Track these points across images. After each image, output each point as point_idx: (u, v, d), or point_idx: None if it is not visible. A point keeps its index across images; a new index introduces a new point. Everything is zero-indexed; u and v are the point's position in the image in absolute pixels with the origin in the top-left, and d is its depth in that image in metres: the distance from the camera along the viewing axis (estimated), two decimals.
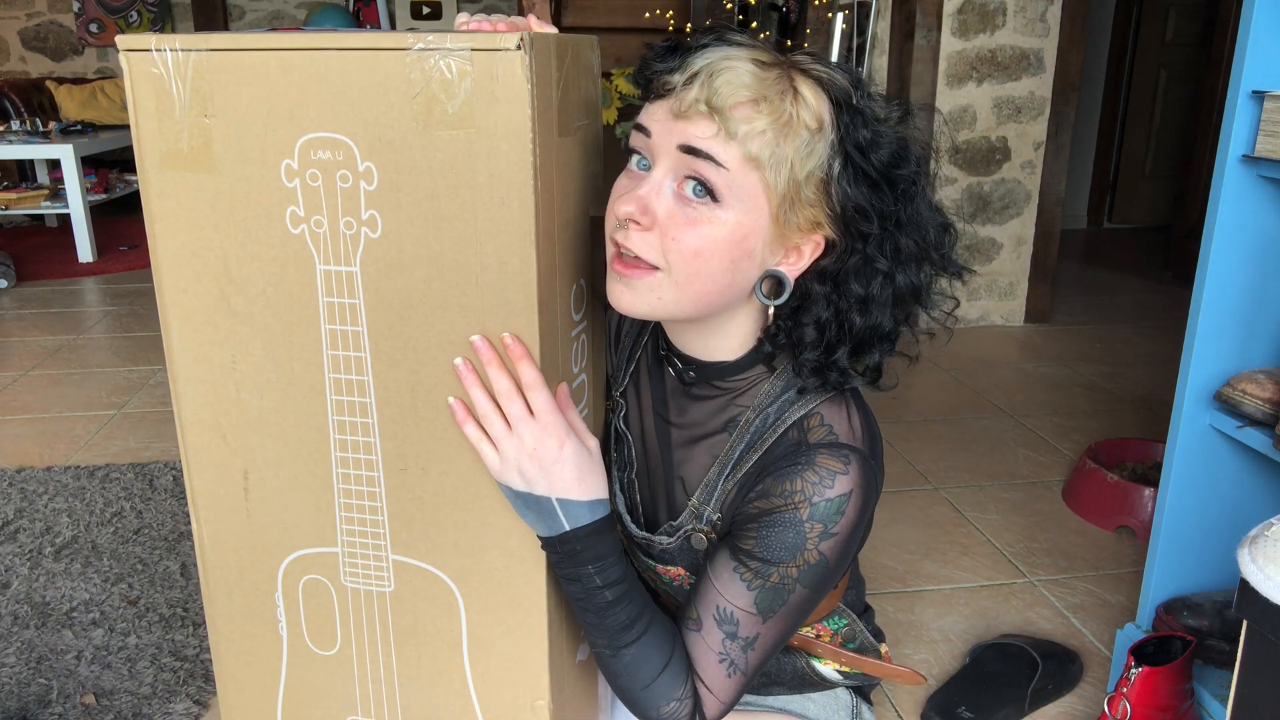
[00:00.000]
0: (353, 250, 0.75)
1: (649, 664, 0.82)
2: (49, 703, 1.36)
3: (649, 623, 0.82)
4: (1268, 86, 1.11)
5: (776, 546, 0.80)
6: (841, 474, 0.80)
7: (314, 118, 0.72)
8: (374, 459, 0.81)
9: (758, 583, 0.81)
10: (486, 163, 0.71)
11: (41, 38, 5.84)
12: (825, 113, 0.75)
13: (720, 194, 0.74)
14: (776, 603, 0.81)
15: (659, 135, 0.76)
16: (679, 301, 0.78)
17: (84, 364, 2.89)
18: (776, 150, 0.73)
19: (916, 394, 2.73)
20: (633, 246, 0.76)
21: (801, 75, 0.75)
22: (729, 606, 0.82)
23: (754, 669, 0.85)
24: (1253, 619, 0.75)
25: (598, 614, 0.81)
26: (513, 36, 0.68)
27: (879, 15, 3.10)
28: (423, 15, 5.91)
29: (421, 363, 0.77)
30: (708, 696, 0.84)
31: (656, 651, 0.82)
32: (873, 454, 0.84)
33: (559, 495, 0.77)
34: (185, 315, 0.80)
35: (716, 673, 0.83)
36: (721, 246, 0.75)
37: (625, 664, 0.82)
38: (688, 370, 0.88)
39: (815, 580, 0.81)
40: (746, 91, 0.72)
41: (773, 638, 0.84)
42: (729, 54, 0.74)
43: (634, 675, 0.82)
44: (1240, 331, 1.23)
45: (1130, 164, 5.31)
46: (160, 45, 0.72)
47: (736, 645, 0.82)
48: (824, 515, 0.79)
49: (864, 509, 0.82)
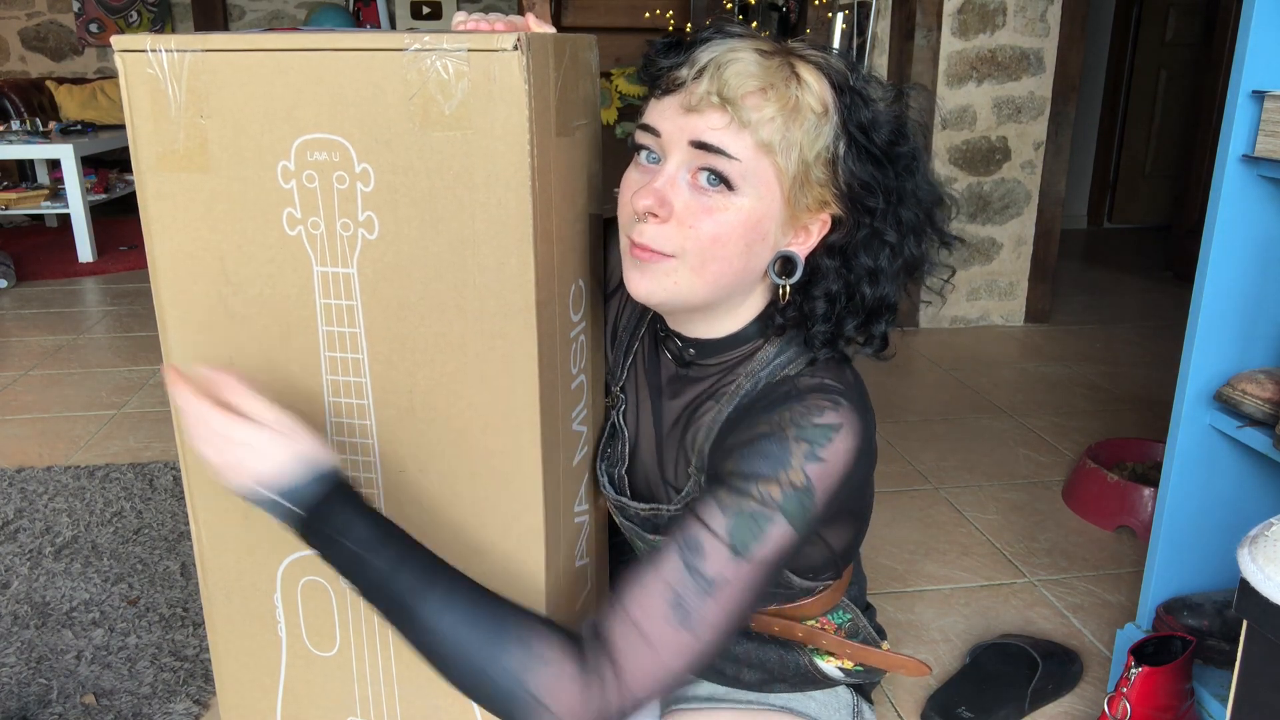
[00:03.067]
0: (350, 251, 0.75)
1: (477, 628, 0.70)
2: (49, 703, 1.36)
3: (452, 580, 0.72)
4: (1268, 86, 1.11)
5: (758, 460, 0.75)
6: (831, 409, 0.78)
7: (310, 119, 0.72)
8: (372, 460, 0.81)
9: (735, 506, 0.74)
10: (484, 163, 0.71)
11: (41, 38, 5.84)
12: (828, 96, 0.78)
13: (735, 182, 0.77)
14: (751, 536, 0.73)
15: (669, 133, 0.78)
16: (694, 286, 0.80)
17: (84, 364, 2.89)
18: (786, 135, 0.76)
19: (916, 394, 2.73)
20: (649, 240, 0.78)
21: (801, 61, 0.78)
22: (698, 532, 0.73)
23: (706, 634, 0.72)
24: (1253, 619, 0.75)
25: (384, 589, 0.70)
26: (510, 37, 0.68)
27: (879, 15, 3.09)
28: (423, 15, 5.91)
29: (419, 364, 0.77)
30: (638, 651, 0.71)
31: (478, 610, 0.71)
32: (866, 410, 0.81)
33: (270, 486, 0.70)
34: (182, 316, 0.80)
35: (660, 617, 0.71)
36: (738, 231, 0.78)
37: (449, 640, 0.70)
38: (687, 349, 0.90)
39: (798, 512, 0.74)
40: (754, 80, 0.75)
41: (737, 594, 0.73)
42: (732, 45, 0.77)
43: (468, 651, 0.70)
44: (1240, 331, 1.23)
45: (1130, 164, 5.30)
46: (156, 46, 0.72)
47: (694, 584, 0.72)
48: (811, 437, 0.76)
49: (856, 454, 0.77)
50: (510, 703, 0.70)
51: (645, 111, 0.81)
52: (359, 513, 0.72)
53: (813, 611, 1.00)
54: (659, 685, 0.72)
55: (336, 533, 0.70)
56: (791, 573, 0.93)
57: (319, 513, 0.71)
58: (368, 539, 0.71)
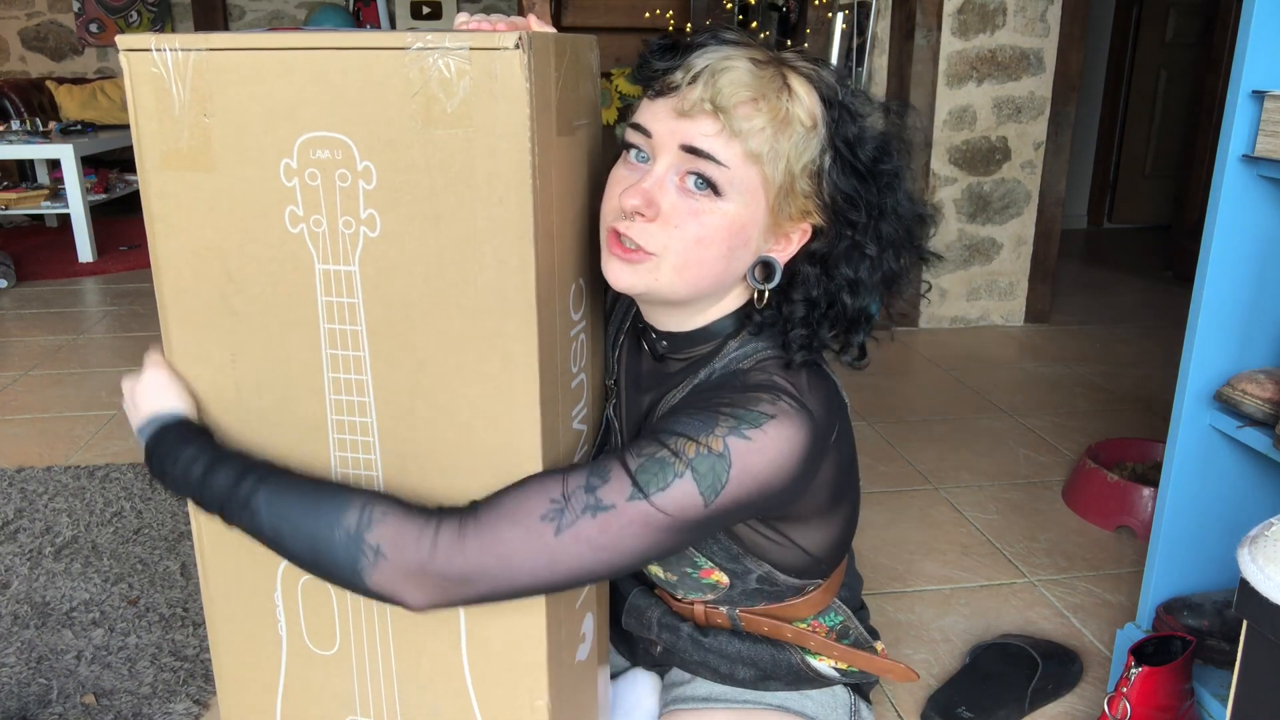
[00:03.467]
0: (351, 249, 0.75)
1: (318, 505, 0.74)
2: (49, 703, 1.36)
3: (290, 476, 0.77)
4: (1268, 86, 1.11)
5: (685, 422, 0.78)
6: (769, 403, 0.79)
7: (313, 117, 0.72)
8: (373, 459, 0.81)
9: (649, 450, 0.76)
10: (485, 162, 0.71)
11: (41, 38, 5.84)
12: (817, 109, 0.80)
13: (721, 188, 0.78)
14: (655, 480, 0.74)
15: (660, 135, 0.79)
16: (674, 284, 0.81)
17: (84, 364, 2.89)
18: (775, 145, 0.78)
19: (916, 394, 2.73)
20: (635, 236, 0.79)
21: (793, 72, 0.80)
22: (610, 462, 0.76)
23: (568, 545, 0.73)
24: (1253, 619, 0.75)
25: (205, 491, 0.76)
26: (511, 36, 0.68)
27: (879, 15, 3.10)
28: (423, 15, 5.91)
29: (421, 362, 0.77)
30: (497, 526, 0.73)
31: (318, 491, 0.76)
32: (816, 414, 0.82)
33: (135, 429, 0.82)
34: (185, 315, 0.80)
35: (537, 509, 0.73)
36: (722, 235, 0.80)
37: (291, 519, 0.74)
38: (660, 341, 0.92)
39: (707, 476, 0.75)
40: (747, 90, 0.76)
41: (618, 528, 0.74)
42: (728, 53, 0.78)
43: (310, 525, 0.74)
44: (1240, 331, 1.23)
45: (1130, 164, 5.31)
46: (160, 45, 0.72)
47: (584, 498, 0.74)
48: (742, 416, 0.78)
49: (790, 451, 0.78)
50: (354, 559, 0.73)
51: (637, 111, 0.82)
52: (189, 441, 0.78)
53: (802, 613, 1.00)
54: (495, 565, 0.73)
55: (171, 462, 0.77)
56: (775, 569, 0.93)
57: (155, 445, 0.79)
58: (195, 458, 0.77)
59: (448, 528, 0.73)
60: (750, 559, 0.92)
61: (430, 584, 0.73)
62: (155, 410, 0.81)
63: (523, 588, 0.75)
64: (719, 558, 0.92)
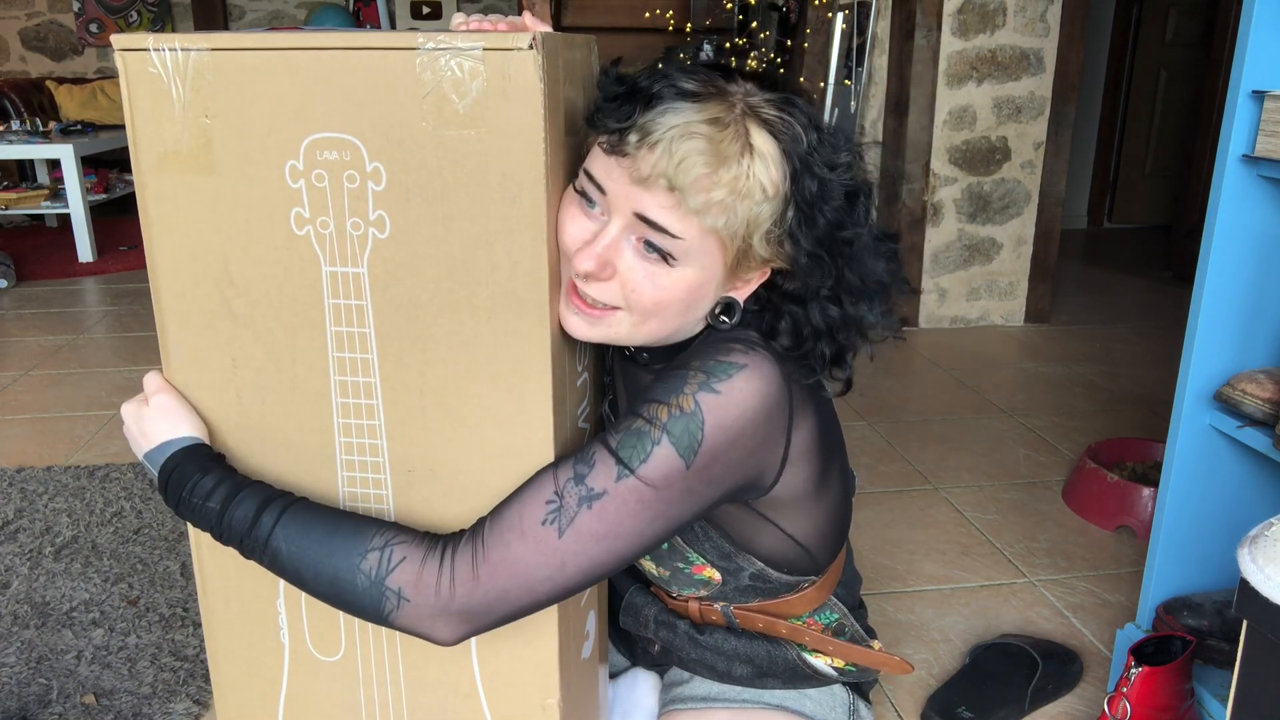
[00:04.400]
0: (360, 251, 0.75)
1: (333, 547, 0.75)
2: (49, 703, 1.36)
3: (306, 509, 0.77)
4: (1268, 86, 1.12)
5: (658, 388, 0.79)
6: (740, 352, 0.80)
7: (320, 118, 0.71)
8: (380, 461, 0.80)
9: (627, 423, 0.77)
10: (498, 162, 0.71)
11: (41, 38, 5.84)
12: (777, 170, 0.76)
13: (677, 257, 0.77)
14: (635, 452, 0.75)
15: (615, 195, 0.76)
16: (634, 335, 0.82)
17: (84, 364, 2.89)
18: (731, 216, 0.75)
19: (916, 394, 2.73)
20: (594, 294, 0.78)
21: (757, 125, 0.75)
22: (592, 447, 0.77)
23: (575, 543, 0.74)
24: (1253, 619, 0.75)
25: (245, 534, 0.76)
26: (525, 36, 0.68)
27: (879, 15, 3.10)
28: (423, 15, 5.91)
29: (429, 363, 0.77)
30: (508, 543, 0.74)
31: (334, 531, 0.76)
32: (786, 369, 0.82)
33: (141, 454, 0.82)
34: (184, 319, 0.79)
35: (536, 515, 0.74)
36: (680, 295, 0.79)
37: (309, 563, 0.75)
38: (640, 353, 0.92)
39: (683, 437, 0.76)
40: (705, 164, 0.73)
41: (615, 510, 0.75)
42: (688, 117, 0.73)
43: (329, 567, 0.74)
44: (1240, 331, 1.23)
45: (1130, 164, 5.31)
46: (159, 45, 0.72)
47: (577, 491, 0.75)
48: (711, 370, 0.78)
49: (760, 401, 0.79)
50: (377, 603, 0.75)
51: (590, 156, 0.78)
52: (206, 469, 0.77)
53: (797, 609, 1.00)
54: (512, 585, 0.74)
55: (188, 491, 0.76)
56: (767, 565, 0.93)
57: (170, 473, 0.77)
58: (213, 490, 0.76)
59: (461, 562, 0.74)
60: (742, 556, 0.92)
61: (456, 621, 0.75)
62: (168, 436, 0.79)
63: (543, 599, 0.76)
64: (711, 555, 0.93)
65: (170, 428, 0.80)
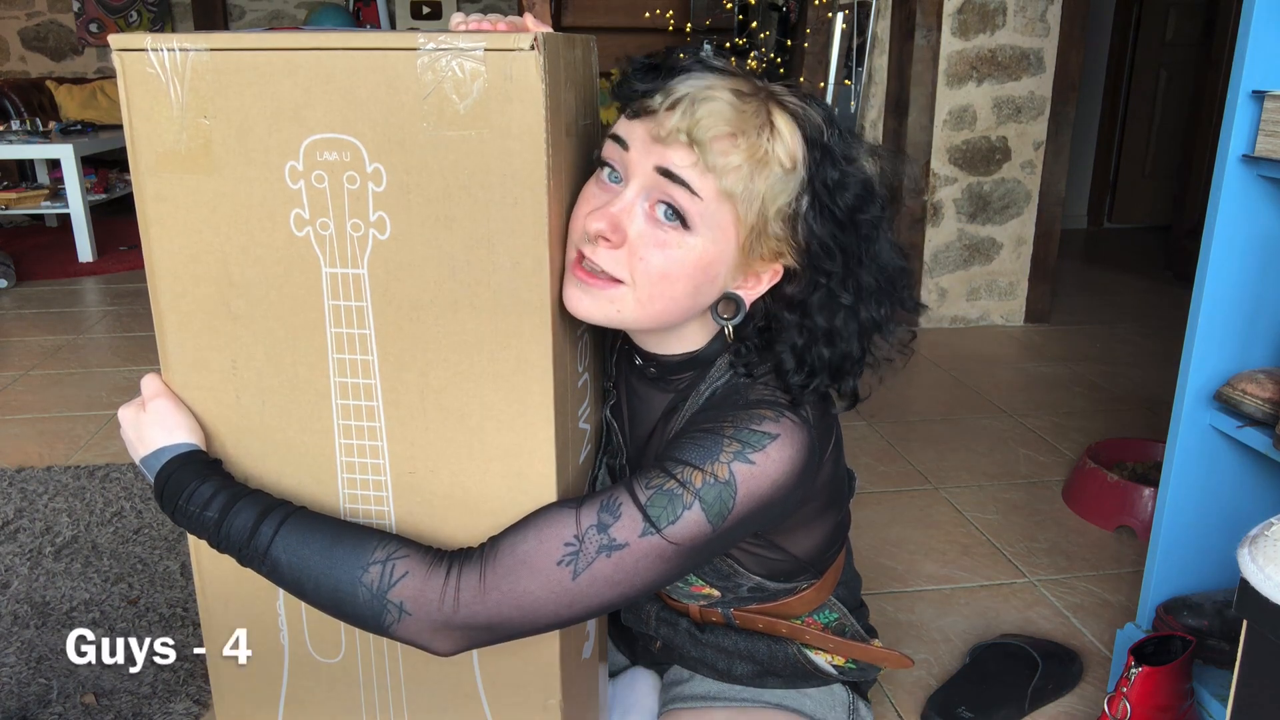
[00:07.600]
0: (360, 252, 0.74)
1: (312, 541, 0.75)
2: (49, 702, 1.36)
3: (306, 519, 0.77)
4: (1268, 86, 1.11)
5: (691, 449, 0.78)
6: (772, 420, 0.79)
7: (320, 119, 0.71)
8: (381, 463, 0.80)
9: (658, 481, 0.76)
10: (499, 163, 0.71)
11: (41, 38, 5.84)
12: (798, 150, 0.77)
13: (692, 221, 0.76)
14: (666, 514, 0.75)
15: (636, 153, 0.76)
16: (637, 316, 0.80)
17: (84, 364, 2.89)
18: (750, 185, 0.75)
19: (916, 394, 2.73)
20: (599, 261, 0.77)
21: (778, 108, 0.77)
22: (620, 497, 0.76)
23: (587, 586, 0.74)
24: (1253, 619, 0.75)
25: (243, 544, 0.75)
26: (526, 37, 0.68)
27: (879, 15, 3.10)
28: (423, 15, 5.91)
29: (431, 364, 0.77)
30: (516, 572, 0.73)
31: (334, 542, 0.75)
32: (813, 433, 0.82)
33: (138, 460, 0.81)
34: (182, 320, 0.79)
35: (553, 553, 0.74)
36: (688, 271, 0.78)
37: (309, 573, 0.75)
38: (648, 366, 0.91)
39: (714, 504, 0.75)
40: (726, 125, 0.74)
41: (633, 563, 0.74)
42: (711, 82, 0.75)
43: (330, 579, 0.74)
44: (1240, 331, 1.23)
45: (1130, 164, 5.31)
46: (157, 45, 0.71)
47: (598, 538, 0.74)
48: (746, 439, 0.78)
49: (791, 468, 0.79)
50: (378, 615, 0.74)
51: (613, 127, 0.80)
52: (203, 477, 0.77)
53: (796, 610, 1.00)
54: (517, 614, 0.74)
55: (185, 499, 0.76)
56: (765, 579, 0.94)
57: (167, 480, 0.77)
58: (211, 499, 0.76)
59: (468, 580, 0.74)
60: (741, 575, 0.93)
61: (456, 635, 0.75)
62: (165, 442, 0.79)
63: (544, 627, 0.76)
64: (709, 576, 0.93)
65: (167, 433, 0.79)
